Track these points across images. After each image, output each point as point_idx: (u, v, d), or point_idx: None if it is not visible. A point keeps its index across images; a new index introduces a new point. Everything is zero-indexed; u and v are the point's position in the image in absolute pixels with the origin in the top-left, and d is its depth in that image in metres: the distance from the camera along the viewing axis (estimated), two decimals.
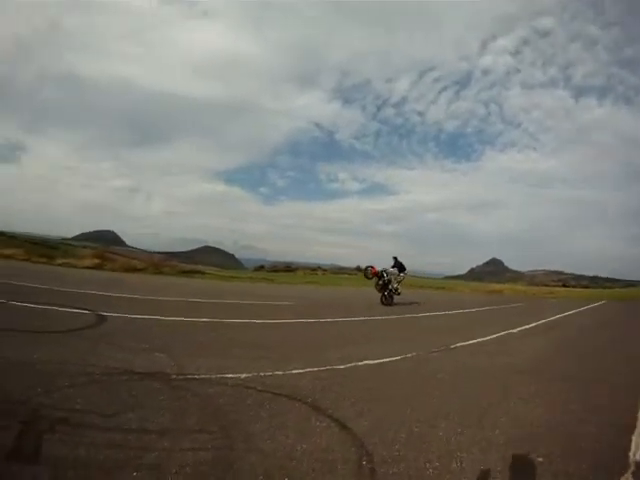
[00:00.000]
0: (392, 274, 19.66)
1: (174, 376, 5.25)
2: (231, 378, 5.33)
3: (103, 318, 8.78)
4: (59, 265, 27.67)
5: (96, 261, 29.47)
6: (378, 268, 19.76)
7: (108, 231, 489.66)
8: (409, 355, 7.86)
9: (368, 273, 20.07)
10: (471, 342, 9.80)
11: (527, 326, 14.17)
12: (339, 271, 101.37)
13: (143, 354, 6.18)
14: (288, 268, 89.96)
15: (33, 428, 3.28)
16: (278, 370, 5.90)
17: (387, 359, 7.33)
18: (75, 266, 27.77)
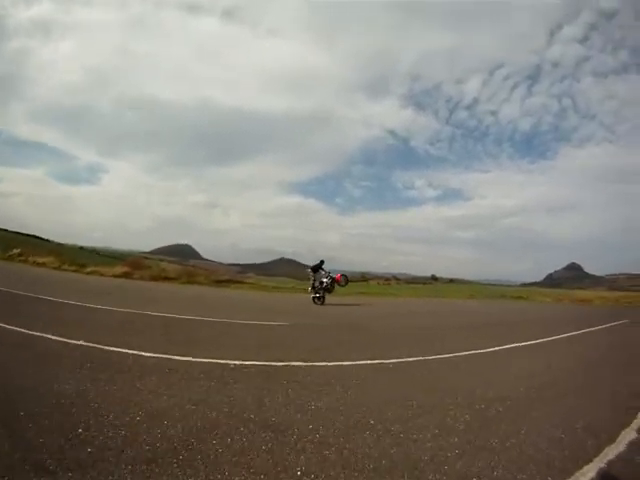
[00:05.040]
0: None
1: None
2: None
3: None
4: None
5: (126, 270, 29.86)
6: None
7: (185, 245, 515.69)
8: None
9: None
10: None
11: None
12: (412, 280, 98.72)
13: None
14: (362, 278, 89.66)
15: None
16: None
17: None
18: (104, 274, 28.32)
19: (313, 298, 19.94)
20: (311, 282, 20.80)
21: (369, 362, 7.31)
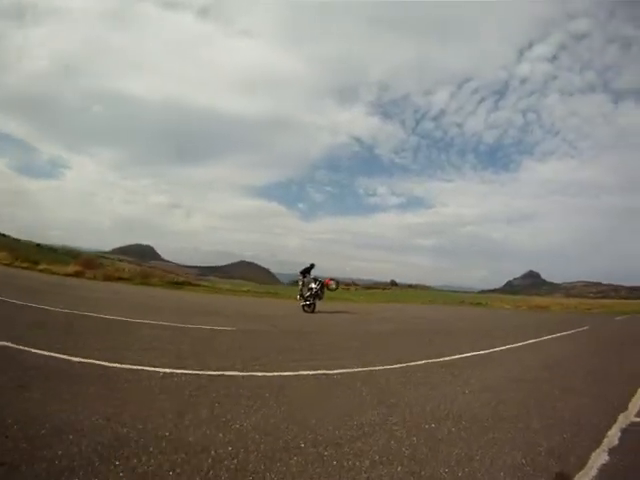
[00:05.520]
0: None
1: None
2: None
3: None
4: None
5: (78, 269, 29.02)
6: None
7: (145, 245, 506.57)
8: None
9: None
10: None
11: None
12: (373, 286, 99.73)
13: None
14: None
15: None
16: None
17: None
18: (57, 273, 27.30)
19: (302, 306, 18.72)
20: (299, 288, 19.73)
21: (312, 373, 6.55)
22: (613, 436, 4.65)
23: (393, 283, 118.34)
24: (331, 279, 19.85)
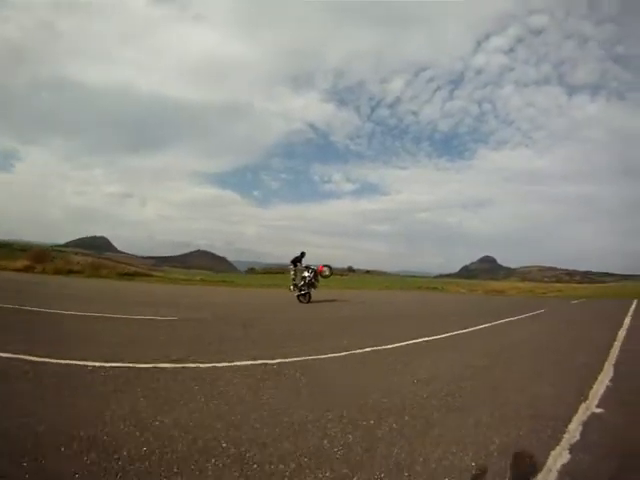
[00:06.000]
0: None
1: None
2: None
3: None
4: None
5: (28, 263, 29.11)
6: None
7: (100, 237, 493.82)
8: None
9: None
10: None
11: None
12: None
13: None
14: (279, 270, 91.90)
15: None
16: None
17: None
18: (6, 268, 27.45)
19: (298, 297, 18.17)
20: (292, 278, 19.19)
21: (250, 363, 6.06)
22: (574, 431, 4.11)
23: (350, 269, 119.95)
24: (324, 265, 19.25)
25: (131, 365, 5.54)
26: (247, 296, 22.67)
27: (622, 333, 11.53)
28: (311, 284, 18.30)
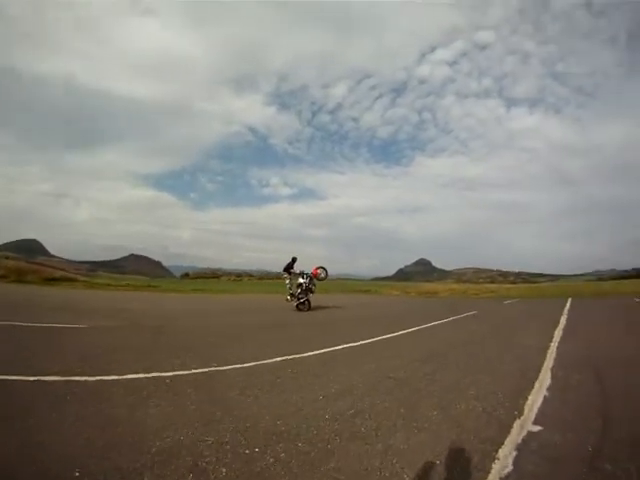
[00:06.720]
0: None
1: None
2: None
3: None
4: None
5: None
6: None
7: (31, 240, 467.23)
8: None
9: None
10: None
11: None
12: (265, 276, 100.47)
13: None
14: (214, 275, 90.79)
15: None
16: None
17: None
18: None
19: (297, 306, 17.32)
20: (287, 287, 18.21)
21: (143, 376, 5.43)
22: (506, 457, 3.35)
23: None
24: (318, 268, 18.32)
25: (16, 378, 4.99)
26: (170, 302, 21.95)
27: (558, 334, 10.87)
28: (308, 290, 17.61)
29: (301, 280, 17.68)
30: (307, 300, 17.48)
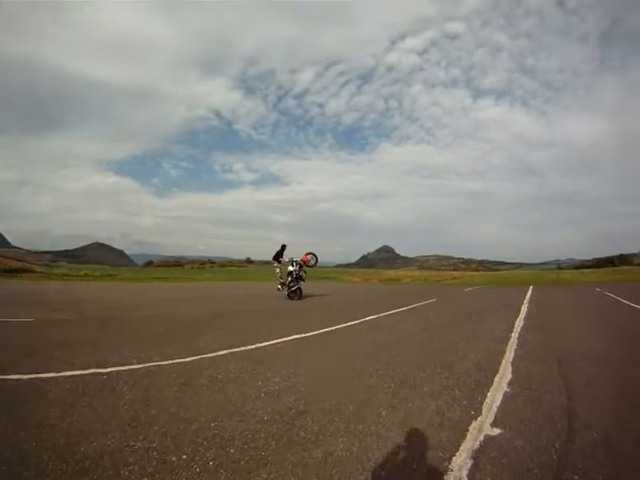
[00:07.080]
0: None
1: None
2: None
3: None
4: None
5: None
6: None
7: None
8: None
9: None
10: None
11: None
12: (228, 264, 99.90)
13: None
14: (177, 263, 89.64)
15: None
16: None
17: None
18: None
19: (288, 294, 17.21)
20: (278, 276, 18.12)
21: (79, 373, 5.23)
22: (460, 468, 2.98)
23: (249, 260, 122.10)
24: (308, 254, 18.11)
25: None
26: (126, 292, 21.56)
27: (519, 324, 10.51)
28: (299, 277, 17.61)
29: (291, 268, 17.67)
30: (298, 288, 17.49)
